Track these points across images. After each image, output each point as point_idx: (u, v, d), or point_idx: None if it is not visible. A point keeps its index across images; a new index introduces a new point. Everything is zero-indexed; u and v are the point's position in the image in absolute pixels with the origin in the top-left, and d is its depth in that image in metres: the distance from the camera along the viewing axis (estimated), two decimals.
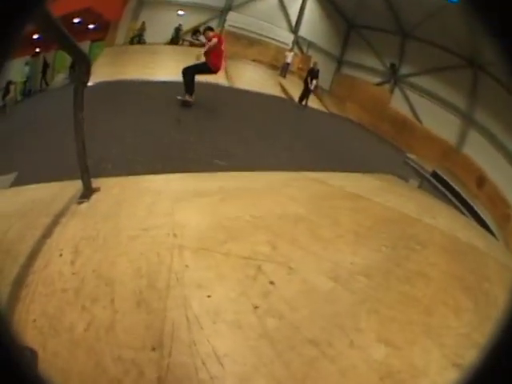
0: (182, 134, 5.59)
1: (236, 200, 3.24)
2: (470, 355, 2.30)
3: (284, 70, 18.19)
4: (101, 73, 10.05)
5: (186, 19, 17.73)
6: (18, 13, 0.66)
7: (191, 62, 11.15)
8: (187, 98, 7.74)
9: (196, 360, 1.47)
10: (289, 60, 18.97)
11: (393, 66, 21.77)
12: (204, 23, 18.67)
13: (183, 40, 17.04)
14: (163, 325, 1.60)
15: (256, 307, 1.78)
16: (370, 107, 18.83)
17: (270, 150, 6.38)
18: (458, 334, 2.59)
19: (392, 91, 21.68)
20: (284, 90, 16.03)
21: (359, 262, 2.77)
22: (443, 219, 5.75)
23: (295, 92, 16.35)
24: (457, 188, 11.89)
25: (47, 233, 2.30)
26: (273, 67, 18.09)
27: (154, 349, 1.49)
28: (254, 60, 17.76)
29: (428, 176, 10.63)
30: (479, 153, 19.79)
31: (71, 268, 1.95)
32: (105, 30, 14.53)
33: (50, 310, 1.65)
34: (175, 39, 16.89)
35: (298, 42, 20.24)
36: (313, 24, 21.23)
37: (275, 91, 15.31)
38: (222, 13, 18.99)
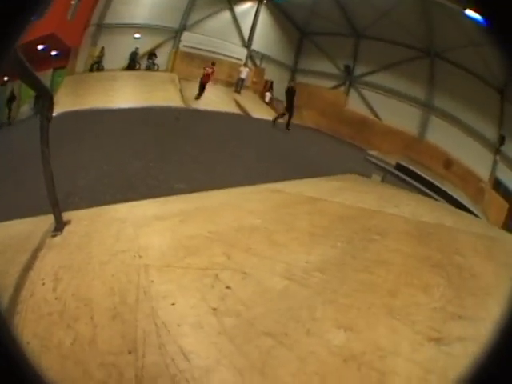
0: (143, 161, 5.75)
1: (195, 219, 3.46)
2: (448, 327, 2.47)
3: (239, 85, 18.44)
4: (63, 103, 10.21)
5: (143, 42, 17.88)
6: (18, 13, 0.72)
7: (150, 85, 11.40)
8: None
9: (166, 358, 1.69)
10: (243, 75, 19.46)
11: (347, 67, 22.18)
12: (159, 45, 18.74)
13: (139, 64, 17.25)
14: (136, 332, 1.83)
15: (214, 309, 1.98)
16: (327, 112, 19.50)
17: (230, 168, 6.57)
18: (431, 309, 2.65)
19: (348, 93, 22.02)
20: (239, 106, 16.31)
21: (314, 260, 2.90)
22: (407, 206, 5.92)
23: (251, 107, 16.77)
24: (423, 174, 12.40)
25: (28, 266, 2.51)
26: (228, 84, 18.48)
27: (130, 352, 1.72)
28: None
29: (391, 169, 10.45)
30: (443, 137, 20.45)
31: (54, 294, 2.17)
32: (66, 56, 14.60)
33: (40, 332, 1.88)
34: (132, 64, 16.99)
35: (251, 56, 20.97)
36: (265, 36, 21.88)
37: (231, 108, 15.57)
38: (177, 33, 19.26)
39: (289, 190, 5.26)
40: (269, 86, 20.36)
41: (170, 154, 6.76)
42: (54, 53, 13.54)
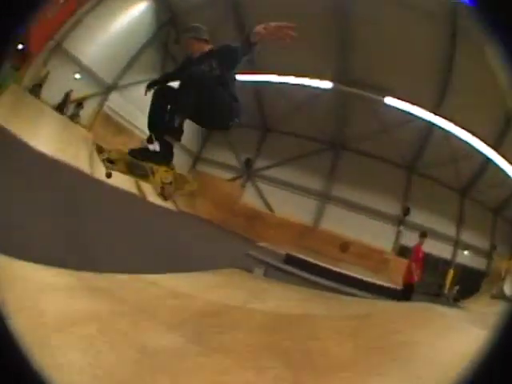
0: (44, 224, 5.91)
1: (81, 296, 3.98)
2: None
3: None
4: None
5: (79, 86, 18.15)
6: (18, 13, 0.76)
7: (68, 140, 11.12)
8: None
9: None
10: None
11: (248, 161, 23.85)
12: (89, 96, 19.11)
13: (67, 109, 17.46)
14: None
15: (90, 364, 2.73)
16: (221, 202, 20.01)
17: (114, 252, 6.72)
18: None
19: (244, 186, 23.66)
20: (138, 186, 16.38)
21: (164, 343, 3.41)
22: (275, 300, 6.32)
23: (150, 190, 16.16)
24: (315, 261, 12.70)
25: None
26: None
27: None
28: (117, 150, 17.55)
29: (274, 262, 10.87)
30: (338, 222, 21.83)
31: None
32: (24, 57, 14.66)
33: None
34: (62, 105, 17.11)
35: None
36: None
37: (130, 187, 15.38)
38: (107, 90, 19.69)
39: (165, 283, 5.66)
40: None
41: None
42: (20, 46, 13.06)
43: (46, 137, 13.44)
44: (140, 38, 19.80)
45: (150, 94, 4.57)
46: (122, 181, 15.22)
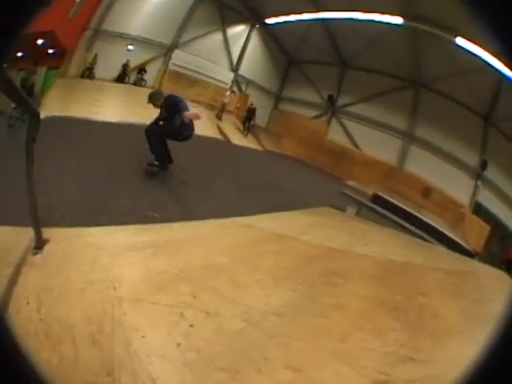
0: (118, 184, 5.86)
1: (165, 254, 3.62)
2: (397, 370, 2.55)
3: (221, 110, 18.34)
4: (51, 106, 10.40)
5: (135, 55, 17.79)
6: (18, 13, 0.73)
7: (135, 102, 11.28)
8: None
9: (138, 382, 1.96)
10: (226, 100, 19.29)
11: (330, 97, 22.42)
12: (150, 60, 18.65)
13: (129, 77, 17.19)
14: (112, 358, 2.08)
15: (178, 344, 2.24)
16: (306, 141, 19.58)
17: (205, 198, 6.54)
18: (381, 353, 2.69)
19: (329, 123, 22.27)
20: (221, 131, 16.18)
21: (273, 303, 3.02)
22: (377, 244, 5.98)
23: (232, 133, 16.85)
24: (400, 204, 12.07)
25: (13, 282, 2.67)
26: (211, 107, 18.17)
27: (108, 375, 1.98)
28: (193, 101, 17.42)
29: (366, 202, 10.22)
30: (422, 166, 20.84)
31: (38, 315, 2.38)
32: (61, 57, 14.52)
33: (28, 349, 2.08)
34: (122, 76, 16.89)
35: (237, 81, 21.04)
36: (253, 62, 21.94)
37: (212, 133, 15.25)
38: (168, 51, 19.22)
39: (260, 225, 5.34)
40: (252, 112, 20.10)
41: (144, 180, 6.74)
42: (50, 51, 13.43)
43: (113, 108, 13.06)
44: None
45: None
46: (204, 128, 15.18)
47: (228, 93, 21.13)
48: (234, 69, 21.22)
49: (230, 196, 7.38)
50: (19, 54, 10.44)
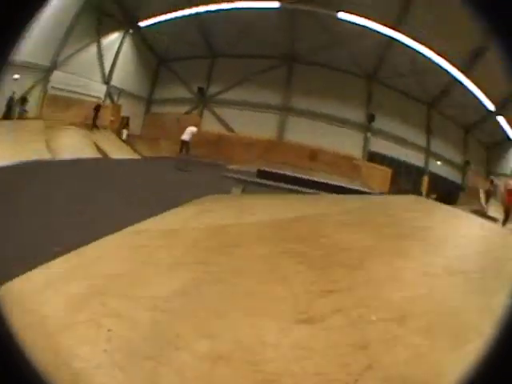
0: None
1: (75, 278, 3.70)
2: (317, 305, 2.69)
3: (94, 125, 18.42)
4: None
5: (20, 85, 16.98)
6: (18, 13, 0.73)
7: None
8: None
9: None
10: (99, 114, 19.60)
11: (200, 89, 23.50)
12: (31, 88, 18.31)
13: (15, 111, 16.59)
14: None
15: (105, 350, 2.43)
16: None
17: (97, 216, 6.76)
18: (293, 297, 2.82)
19: (201, 115, 23.36)
20: (98, 148, 16.30)
21: (174, 287, 3.18)
22: (263, 212, 6.17)
23: (110, 148, 16.83)
24: (286, 172, 12.35)
25: None
26: (88, 126, 18.19)
27: None
28: (71, 123, 17.33)
29: (249, 178, 10.50)
30: (304, 133, 21.83)
31: None
32: None
33: None
34: (8, 111, 16.23)
35: (110, 93, 21.22)
36: (124, 70, 22.02)
37: (91, 152, 15.39)
38: (47, 73, 18.89)
39: (150, 226, 5.48)
40: (125, 122, 20.47)
41: (35, 215, 6.65)
42: None
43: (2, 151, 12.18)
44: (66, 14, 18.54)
45: None
46: (83, 150, 14.75)
47: (100, 107, 20.98)
48: (106, 80, 21.34)
49: (118, 210, 7.51)
50: None
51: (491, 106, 24.72)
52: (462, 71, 23.19)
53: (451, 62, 22.57)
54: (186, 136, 16.83)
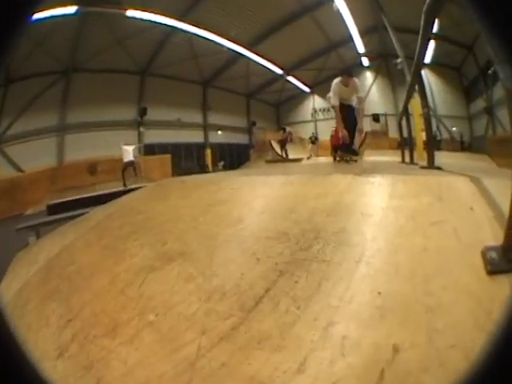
0: None
1: None
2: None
3: None
4: None
5: None
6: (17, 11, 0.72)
7: None
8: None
9: None
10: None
11: None
12: None
13: None
14: None
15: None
16: None
17: None
18: None
19: None
20: None
21: None
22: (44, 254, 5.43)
23: None
24: (71, 198, 12.19)
25: None
26: None
27: None
28: None
29: (40, 221, 9.59)
30: (80, 149, 22.41)
31: None
32: None
33: None
34: None
35: None
36: None
37: None
38: None
39: None
40: None
41: None
42: None
43: None
44: None
45: None
46: None
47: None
48: None
49: None
50: None
51: (279, 71, 29.67)
52: (247, 48, 26.31)
53: (236, 42, 25.40)
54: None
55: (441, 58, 26.95)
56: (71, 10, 18.99)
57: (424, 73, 21.11)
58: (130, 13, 20.69)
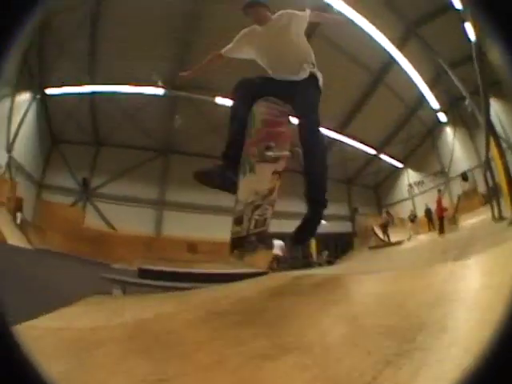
0: None
1: None
2: None
3: None
4: None
5: None
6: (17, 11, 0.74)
7: None
8: None
9: None
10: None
11: (85, 180, 22.01)
12: None
13: None
14: None
15: None
16: (66, 231, 18.62)
17: None
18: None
19: (84, 208, 21.96)
20: None
21: None
22: (131, 312, 5.09)
23: (8, 231, 14.94)
24: (166, 269, 11.06)
25: None
26: None
27: None
28: None
29: (129, 279, 8.65)
30: (179, 226, 22.08)
31: None
32: None
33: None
34: None
35: (9, 164, 17.82)
36: (26, 141, 19.32)
37: None
38: None
39: (42, 324, 4.29)
40: (20, 204, 17.86)
41: None
42: None
43: None
44: None
45: None
46: None
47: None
48: (9, 148, 17.71)
49: (18, 300, 6.78)
50: None
51: (372, 151, 28.04)
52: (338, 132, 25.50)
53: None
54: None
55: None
56: (159, 91, 19.89)
57: (498, 106, 18.03)
58: (220, 100, 20.25)
